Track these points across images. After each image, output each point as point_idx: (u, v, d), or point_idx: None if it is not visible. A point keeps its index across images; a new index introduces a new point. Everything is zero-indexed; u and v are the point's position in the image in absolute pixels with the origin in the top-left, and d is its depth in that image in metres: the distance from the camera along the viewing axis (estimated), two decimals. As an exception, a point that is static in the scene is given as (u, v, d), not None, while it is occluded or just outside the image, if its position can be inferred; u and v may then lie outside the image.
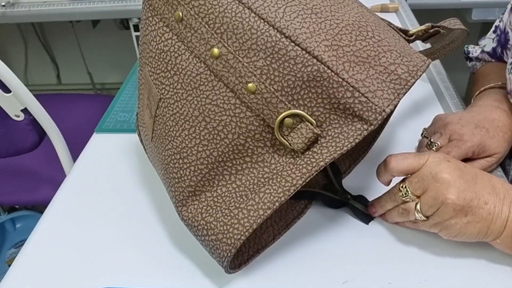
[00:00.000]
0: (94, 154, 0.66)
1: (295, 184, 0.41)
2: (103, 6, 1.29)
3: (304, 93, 0.41)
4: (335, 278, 0.47)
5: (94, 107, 1.35)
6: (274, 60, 0.41)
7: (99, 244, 0.52)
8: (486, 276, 0.46)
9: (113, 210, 0.56)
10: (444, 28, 0.56)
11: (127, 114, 0.75)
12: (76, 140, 1.00)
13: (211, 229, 0.44)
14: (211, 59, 0.43)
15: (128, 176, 0.61)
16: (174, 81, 0.45)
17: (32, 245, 0.53)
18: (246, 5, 0.42)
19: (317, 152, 0.41)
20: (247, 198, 0.43)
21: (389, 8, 1.05)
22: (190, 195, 0.46)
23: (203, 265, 0.49)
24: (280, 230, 0.51)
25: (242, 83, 0.42)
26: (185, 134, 0.45)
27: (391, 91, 0.41)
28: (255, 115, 0.42)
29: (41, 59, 2.10)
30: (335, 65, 0.40)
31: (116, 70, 2.12)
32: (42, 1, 1.31)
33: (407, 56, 0.43)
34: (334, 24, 0.42)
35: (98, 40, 2.01)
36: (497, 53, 0.73)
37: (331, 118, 0.41)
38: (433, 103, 0.72)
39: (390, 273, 0.47)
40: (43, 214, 0.57)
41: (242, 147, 0.43)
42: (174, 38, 0.45)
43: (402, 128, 0.67)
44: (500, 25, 0.73)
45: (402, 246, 0.50)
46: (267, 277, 0.48)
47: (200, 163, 0.45)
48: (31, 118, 0.87)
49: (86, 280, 0.48)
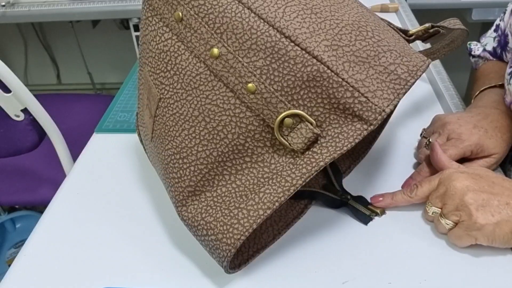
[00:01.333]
0: (94, 154, 0.66)
1: (295, 184, 0.41)
2: (103, 6, 1.29)
3: (304, 93, 0.41)
4: (335, 278, 0.47)
5: (94, 107, 1.35)
6: (274, 60, 0.41)
7: (99, 244, 0.52)
8: (486, 276, 0.46)
9: (113, 210, 0.56)
10: (444, 28, 0.56)
11: (127, 114, 0.75)
12: (76, 140, 1.00)
13: (211, 229, 0.44)
14: (211, 59, 0.43)
15: (128, 176, 0.61)
16: (174, 81, 0.45)
17: (32, 245, 0.53)
18: (246, 5, 0.42)
19: (317, 152, 0.41)
20: (247, 198, 0.43)
21: (389, 8, 1.05)
22: (190, 195, 0.46)
23: (203, 265, 0.49)
24: (280, 230, 0.51)
25: (242, 83, 0.42)
26: (185, 134, 0.45)
27: (390, 91, 0.41)
28: (255, 115, 0.42)
29: (41, 59, 2.10)
30: (335, 65, 0.40)
31: (116, 70, 2.12)
32: (42, 1, 1.31)
33: (407, 56, 0.43)
34: (334, 24, 0.42)
35: (98, 40, 2.01)
36: (497, 53, 0.73)
37: (331, 118, 0.41)
38: (433, 103, 0.72)
39: (390, 273, 0.47)
40: (43, 214, 0.57)
41: (242, 147, 0.44)
42: (174, 38, 0.45)
43: (402, 128, 0.67)
44: (501, 24, 0.73)
45: (402, 246, 0.50)
46: (267, 277, 0.48)
47: (200, 163, 0.45)
48: (31, 118, 0.87)
49: (86, 280, 0.48)
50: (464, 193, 0.46)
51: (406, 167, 0.60)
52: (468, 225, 0.46)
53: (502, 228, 0.45)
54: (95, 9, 1.29)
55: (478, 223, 0.45)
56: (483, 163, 0.56)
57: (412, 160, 0.61)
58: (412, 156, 0.62)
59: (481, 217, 0.45)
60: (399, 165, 0.60)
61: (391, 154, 0.62)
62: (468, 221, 0.46)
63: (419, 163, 0.59)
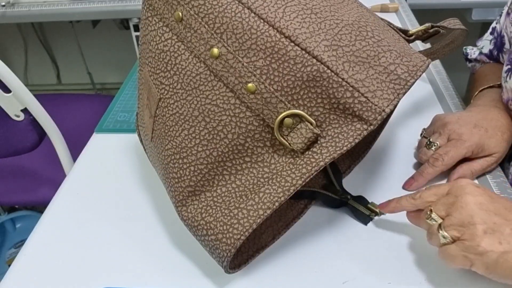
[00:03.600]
0: (94, 154, 0.66)
1: (295, 184, 0.41)
2: (103, 6, 1.29)
3: (304, 93, 0.41)
4: (335, 278, 0.47)
5: (94, 107, 1.35)
6: (274, 60, 0.41)
7: (99, 244, 0.52)
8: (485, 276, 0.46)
9: (113, 210, 0.56)
10: (444, 28, 0.56)
11: (127, 114, 0.75)
12: (76, 140, 1.00)
13: (210, 229, 0.44)
14: (210, 59, 0.43)
15: (128, 176, 0.61)
16: (174, 81, 0.45)
17: (32, 245, 0.53)
18: (246, 5, 0.42)
19: (317, 152, 0.41)
20: (247, 198, 0.43)
21: (389, 8, 1.05)
22: (190, 195, 0.46)
23: (203, 265, 0.49)
24: (280, 230, 0.51)
25: (242, 83, 0.42)
26: (185, 134, 0.45)
27: (390, 91, 0.41)
28: (255, 115, 0.42)
29: (41, 59, 2.09)
30: (335, 65, 0.40)
31: (116, 70, 2.12)
32: (42, 1, 1.31)
33: (406, 56, 0.43)
34: (333, 24, 0.42)
35: (98, 40, 2.01)
36: (494, 55, 0.74)
37: (331, 118, 0.41)
38: (433, 103, 0.72)
39: (390, 273, 0.47)
40: (43, 214, 0.57)
41: (242, 147, 0.44)
42: (174, 38, 0.45)
43: (402, 128, 0.67)
44: (497, 27, 0.73)
45: (402, 246, 0.50)
46: (267, 277, 0.48)
47: (200, 163, 0.45)
48: (31, 118, 0.87)
49: (86, 280, 0.48)
50: (475, 210, 0.41)
51: (406, 167, 0.60)
52: (468, 246, 0.40)
53: (507, 260, 0.39)
54: (95, 9, 1.29)
55: (482, 247, 0.40)
56: (483, 162, 0.56)
57: (412, 160, 0.61)
58: (412, 156, 0.62)
59: (486, 242, 0.40)
60: (399, 165, 0.60)
61: (391, 154, 0.62)
62: (470, 242, 0.40)
63: (419, 163, 0.59)
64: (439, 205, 0.44)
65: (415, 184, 0.56)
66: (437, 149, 0.56)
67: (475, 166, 0.56)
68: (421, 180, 0.56)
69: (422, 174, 0.56)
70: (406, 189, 0.56)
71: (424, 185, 0.56)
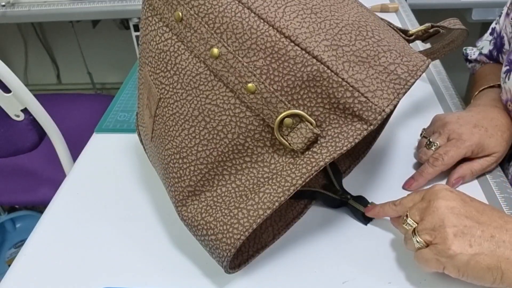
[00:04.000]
0: (94, 154, 0.66)
1: (295, 184, 0.41)
2: (103, 6, 1.29)
3: (304, 93, 0.41)
4: (335, 278, 0.47)
5: (94, 107, 1.35)
6: (274, 60, 0.41)
7: (99, 244, 0.52)
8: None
9: (113, 210, 0.56)
10: (444, 28, 0.56)
11: (127, 114, 0.75)
12: (76, 140, 1.00)
13: (210, 229, 0.44)
14: (210, 59, 0.43)
15: (128, 176, 0.61)
16: (174, 81, 0.45)
17: (32, 245, 0.53)
18: (246, 5, 0.42)
19: (317, 152, 0.41)
20: (247, 198, 0.43)
21: (389, 8, 1.05)
22: (190, 195, 0.46)
23: (203, 265, 0.49)
24: (280, 230, 0.51)
25: (242, 83, 0.42)
26: (185, 134, 0.45)
27: (390, 91, 0.41)
28: (255, 115, 0.42)
29: (41, 59, 2.09)
30: (335, 65, 0.40)
31: (116, 70, 2.12)
32: (42, 1, 1.31)
33: (406, 56, 0.43)
34: (333, 24, 0.42)
35: (98, 40, 2.01)
36: (493, 56, 0.74)
37: (331, 118, 0.41)
38: (433, 103, 0.72)
39: (390, 273, 0.47)
40: (43, 214, 0.57)
41: (242, 147, 0.44)
42: (174, 38, 0.45)
43: (402, 128, 0.67)
44: (496, 27, 0.73)
45: (402, 246, 0.50)
46: (267, 277, 0.48)
47: (200, 162, 0.45)
48: (31, 118, 0.87)
49: (86, 280, 0.48)
50: (446, 214, 0.42)
51: (406, 167, 0.60)
52: (440, 249, 0.41)
53: (479, 262, 0.40)
54: (95, 9, 1.29)
55: (452, 250, 0.40)
56: (483, 162, 0.56)
57: (412, 160, 0.61)
58: (412, 156, 0.62)
59: (456, 245, 0.40)
60: (399, 165, 0.60)
61: (391, 154, 0.62)
62: (442, 245, 0.41)
63: (419, 163, 0.59)
64: (414, 210, 0.45)
65: (415, 184, 0.56)
66: (437, 149, 0.56)
67: (475, 165, 0.56)
68: (421, 180, 0.56)
69: (422, 174, 0.56)
70: (406, 189, 0.56)
71: (424, 185, 0.56)
